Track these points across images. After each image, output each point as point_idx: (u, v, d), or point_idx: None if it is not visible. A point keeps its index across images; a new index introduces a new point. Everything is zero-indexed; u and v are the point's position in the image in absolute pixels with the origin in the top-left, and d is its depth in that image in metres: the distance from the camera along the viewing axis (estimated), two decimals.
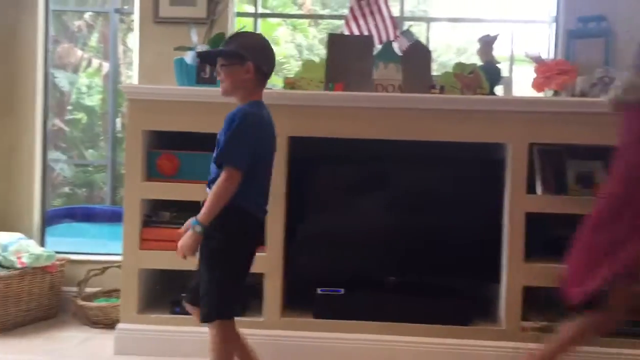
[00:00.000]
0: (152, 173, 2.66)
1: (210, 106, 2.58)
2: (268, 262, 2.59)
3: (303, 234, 2.68)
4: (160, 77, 3.04)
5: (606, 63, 2.80)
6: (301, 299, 2.71)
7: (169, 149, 2.69)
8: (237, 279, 1.96)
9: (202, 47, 2.68)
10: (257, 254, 2.44)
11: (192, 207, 2.69)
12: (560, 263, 2.57)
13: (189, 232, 1.85)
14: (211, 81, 2.69)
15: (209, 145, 2.64)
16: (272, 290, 2.60)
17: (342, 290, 2.62)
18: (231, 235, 1.89)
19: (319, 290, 2.62)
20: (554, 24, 3.26)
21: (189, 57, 2.67)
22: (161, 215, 2.72)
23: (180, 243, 1.86)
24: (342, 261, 2.71)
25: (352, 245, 2.69)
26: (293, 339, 2.58)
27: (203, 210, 1.84)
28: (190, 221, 1.86)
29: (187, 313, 2.57)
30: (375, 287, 2.68)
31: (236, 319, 1.99)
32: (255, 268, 2.58)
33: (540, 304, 2.69)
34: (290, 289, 2.76)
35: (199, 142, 2.65)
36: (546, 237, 2.80)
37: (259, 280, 2.61)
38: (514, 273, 2.56)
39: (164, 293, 2.80)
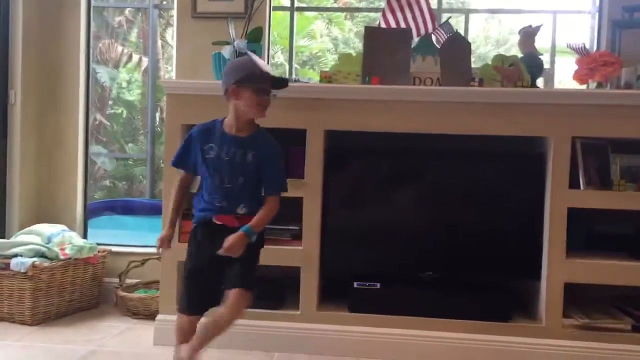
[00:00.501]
0: None
1: None
2: (304, 256, 2.60)
3: (339, 228, 2.67)
4: (198, 71, 3.07)
5: None
6: (337, 293, 2.71)
7: None
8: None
9: (240, 42, 2.70)
10: (294, 247, 2.47)
11: None
12: (603, 259, 2.54)
13: (241, 235, 1.97)
14: None
15: None
16: (308, 284, 2.60)
17: (379, 285, 2.61)
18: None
19: (355, 284, 2.62)
20: (598, 14, 3.17)
21: (226, 51, 2.69)
22: None
23: (231, 244, 1.95)
24: (379, 255, 2.70)
25: (389, 239, 2.67)
26: (329, 332, 2.58)
27: (256, 222, 2.02)
28: (243, 228, 1.98)
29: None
30: (412, 282, 2.66)
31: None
32: (292, 261, 2.62)
33: (581, 301, 2.64)
34: (326, 282, 2.77)
35: None
36: (588, 232, 2.74)
37: (296, 273, 2.61)
38: (555, 269, 2.50)
39: None
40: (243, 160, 2.03)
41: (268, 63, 3.50)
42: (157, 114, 4.39)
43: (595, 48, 3.13)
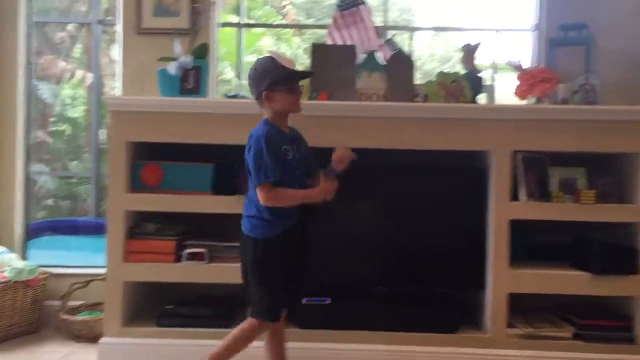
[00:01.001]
0: (136, 184, 2.64)
1: (194, 116, 2.58)
2: None
3: None
4: (144, 88, 3.03)
5: (587, 70, 2.83)
6: (288, 310, 2.69)
7: (153, 159, 2.67)
8: None
9: (186, 58, 2.68)
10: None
11: (177, 218, 2.70)
12: (545, 269, 2.62)
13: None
14: (195, 91, 2.69)
15: (193, 156, 2.65)
16: None
17: (329, 300, 2.61)
18: None
19: (304, 300, 2.60)
20: (536, 32, 3.30)
21: (172, 68, 2.66)
22: (146, 227, 2.69)
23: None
24: (329, 271, 2.68)
25: (339, 254, 2.66)
26: None
27: None
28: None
29: (173, 325, 2.58)
30: (363, 296, 2.67)
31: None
32: (237, 279, 2.59)
33: (525, 311, 2.70)
34: None
35: (183, 152, 2.65)
36: (530, 243, 2.82)
37: (243, 291, 2.59)
38: (499, 280, 2.57)
39: (149, 306, 2.77)
40: (301, 155, 2.13)
41: (216, 79, 3.49)
42: (102, 131, 4.29)
43: (534, 65, 3.25)
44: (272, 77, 2.03)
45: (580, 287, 2.58)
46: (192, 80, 2.69)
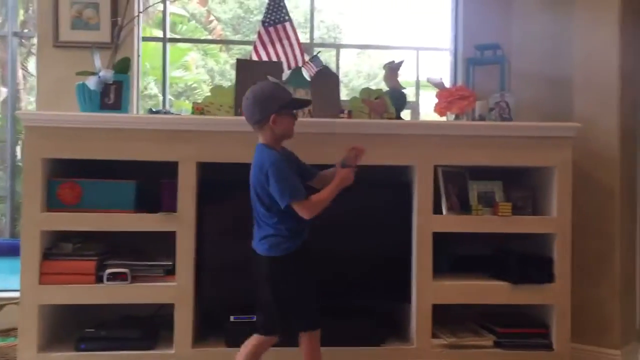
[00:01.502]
0: (53, 203, 2.53)
1: (116, 132, 2.51)
2: (178, 292, 2.52)
3: (215, 261, 2.63)
4: (61, 103, 2.92)
5: (502, 88, 2.96)
6: (215, 328, 2.65)
7: (72, 177, 2.57)
8: None
9: (106, 72, 2.61)
10: (166, 283, 2.42)
11: (98, 238, 2.61)
12: (467, 280, 2.70)
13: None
14: (116, 107, 2.62)
15: (113, 173, 2.57)
16: (183, 321, 2.52)
17: (255, 317, 2.58)
18: None
19: (232, 318, 2.57)
20: (453, 52, 3.43)
21: (91, 82, 2.58)
22: (63, 247, 2.58)
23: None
24: (255, 287, 2.66)
25: None
26: None
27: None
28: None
29: (94, 349, 2.47)
30: None
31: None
32: (165, 298, 2.54)
33: (449, 321, 2.77)
34: (204, 318, 2.70)
35: (105, 169, 2.57)
36: (453, 255, 2.90)
37: (171, 310, 2.53)
38: (424, 292, 2.62)
39: (68, 330, 2.65)
40: (298, 170, 2.23)
41: (139, 94, 3.42)
42: (18, 148, 4.10)
43: (452, 83, 3.37)
44: (281, 101, 2.13)
45: (500, 297, 2.67)
46: (113, 95, 2.62)
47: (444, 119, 3.00)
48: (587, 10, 2.94)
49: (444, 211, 2.69)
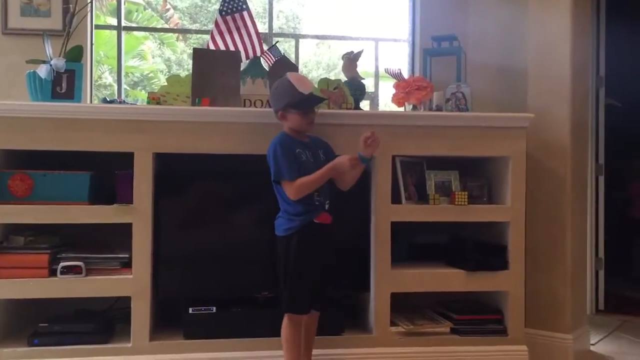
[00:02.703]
0: (3, 195, 2.46)
1: (68, 122, 2.45)
2: (135, 284, 2.48)
3: (173, 253, 2.59)
4: (11, 92, 2.84)
5: (458, 79, 3.00)
6: (173, 321, 2.63)
7: (22, 168, 2.50)
8: None
9: (58, 60, 2.53)
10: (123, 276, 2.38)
11: (51, 230, 2.55)
12: (424, 268, 2.74)
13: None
14: (68, 96, 2.55)
15: (65, 164, 2.51)
16: (140, 314, 2.48)
17: (214, 309, 2.57)
18: None
19: (190, 310, 2.55)
20: (411, 43, 3.45)
21: (42, 70, 2.50)
22: (14, 241, 2.51)
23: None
24: (215, 278, 2.65)
25: (224, 261, 2.63)
26: None
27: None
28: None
29: (48, 344, 2.42)
30: (249, 303, 2.65)
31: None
32: (122, 291, 2.50)
33: (407, 309, 2.81)
34: (162, 310, 2.67)
35: (58, 160, 2.50)
36: (410, 244, 2.94)
37: (128, 303, 2.49)
38: (382, 280, 2.65)
39: (21, 325, 2.59)
40: (319, 160, 2.32)
41: (93, 84, 3.34)
42: None
43: (410, 74, 3.40)
44: (288, 100, 2.27)
45: (456, 284, 2.72)
46: (65, 84, 2.55)
47: (402, 109, 3.03)
48: (540, 3, 3.00)
49: (403, 201, 2.72)
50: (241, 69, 2.79)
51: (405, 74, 3.09)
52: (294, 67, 2.80)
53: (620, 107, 4.14)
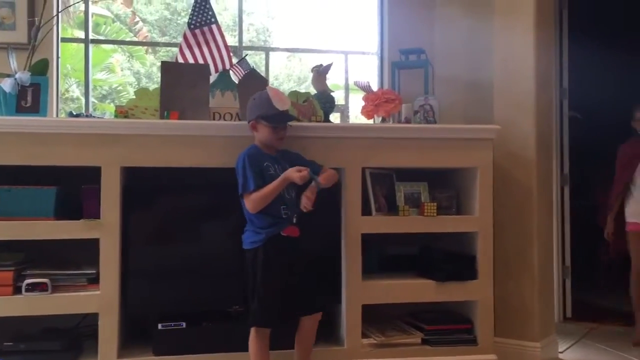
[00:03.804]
0: None
1: (33, 137, 2.41)
2: (102, 301, 2.44)
3: (142, 268, 2.56)
4: None
5: (426, 92, 3.04)
6: (143, 337, 2.59)
7: None
8: None
9: (23, 74, 2.50)
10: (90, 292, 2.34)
11: (15, 247, 2.49)
12: (395, 279, 2.76)
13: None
14: (34, 110, 2.51)
15: (32, 179, 2.46)
16: (108, 331, 2.44)
17: (184, 324, 2.54)
18: None
19: (159, 326, 2.51)
20: (379, 56, 3.49)
21: (6, 84, 2.46)
22: None
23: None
24: (184, 293, 2.62)
25: (194, 276, 2.61)
26: None
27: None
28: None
29: None
30: (219, 317, 2.63)
31: None
32: (89, 308, 2.45)
33: (378, 320, 2.82)
34: (129, 326, 2.63)
35: (21, 175, 2.46)
36: (381, 255, 2.95)
37: (96, 320, 2.45)
38: (353, 292, 2.65)
39: None
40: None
41: (59, 97, 3.29)
42: None
43: (379, 86, 3.43)
44: (261, 112, 2.32)
45: (426, 295, 2.74)
46: (31, 98, 2.51)
47: (371, 121, 3.06)
48: (505, 17, 3.06)
49: (373, 212, 2.73)
50: (210, 82, 2.79)
51: (374, 87, 3.11)
52: (263, 80, 2.81)
53: (582, 120, 4.24)
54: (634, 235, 3.49)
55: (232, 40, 3.27)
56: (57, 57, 3.18)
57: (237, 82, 2.85)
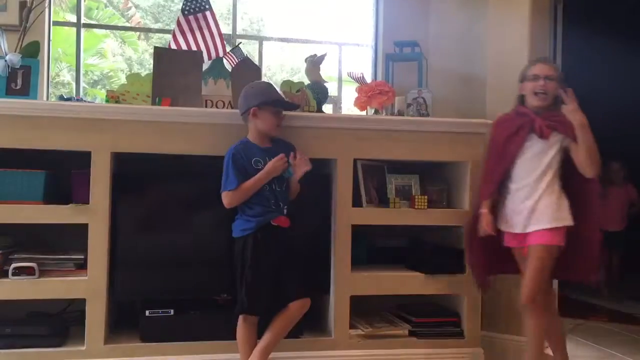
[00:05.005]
0: None
1: (23, 120, 2.39)
2: (90, 286, 2.43)
3: (131, 254, 2.55)
4: None
5: (419, 85, 3.04)
6: (130, 323, 2.58)
7: None
8: None
9: (13, 56, 2.47)
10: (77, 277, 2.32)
11: (3, 231, 2.47)
12: (383, 271, 2.76)
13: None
14: (24, 92, 2.49)
15: (20, 163, 2.44)
16: (95, 316, 2.43)
17: (172, 311, 2.53)
18: None
19: (147, 312, 2.51)
20: (374, 48, 3.49)
21: None
22: None
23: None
24: (174, 280, 2.61)
25: (182, 263, 2.60)
26: None
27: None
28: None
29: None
30: (207, 305, 2.62)
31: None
32: (76, 293, 2.44)
33: (366, 311, 2.83)
34: (117, 313, 2.62)
35: (10, 159, 2.44)
36: (370, 247, 2.96)
37: (84, 305, 2.44)
38: (342, 284, 2.66)
39: None
40: None
41: (50, 81, 3.26)
42: None
43: (373, 78, 3.42)
44: (264, 98, 2.31)
45: (414, 287, 2.75)
46: (21, 80, 2.49)
47: (364, 113, 3.05)
48: (499, 10, 3.06)
49: (363, 204, 2.74)
50: (203, 69, 2.77)
51: (368, 79, 3.10)
52: (257, 69, 2.80)
53: None
54: None
55: (226, 29, 3.24)
56: (49, 40, 3.14)
57: (230, 70, 2.83)
